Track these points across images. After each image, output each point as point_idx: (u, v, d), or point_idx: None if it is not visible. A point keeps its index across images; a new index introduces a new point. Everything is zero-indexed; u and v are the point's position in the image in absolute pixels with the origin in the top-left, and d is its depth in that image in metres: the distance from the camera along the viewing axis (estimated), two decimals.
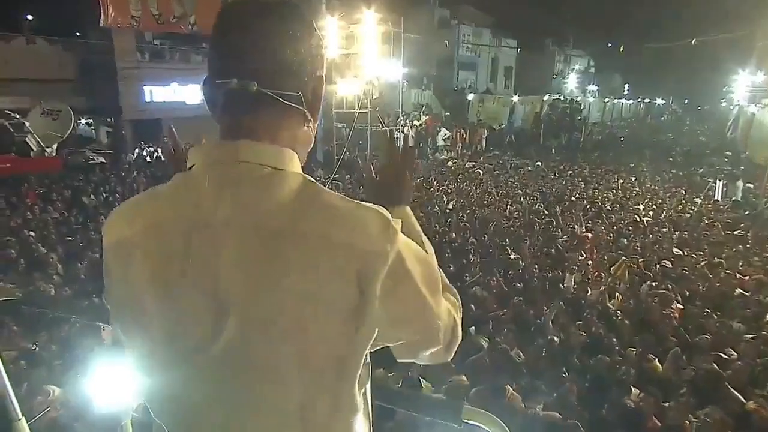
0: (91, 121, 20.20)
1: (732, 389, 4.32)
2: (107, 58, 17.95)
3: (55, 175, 13.00)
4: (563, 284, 7.37)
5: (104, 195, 11.56)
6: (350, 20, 16.18)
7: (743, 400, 4.17)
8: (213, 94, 0.86)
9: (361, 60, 16.17)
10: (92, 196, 11.32)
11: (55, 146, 14.05)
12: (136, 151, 17.86)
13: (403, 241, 0.80)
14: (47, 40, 17.82)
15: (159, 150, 17.75)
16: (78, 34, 19.29)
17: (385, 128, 20.98)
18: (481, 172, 19.16)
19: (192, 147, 0.89)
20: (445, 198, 13.85)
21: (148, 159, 17.36)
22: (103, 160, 15.82)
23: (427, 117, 26.29)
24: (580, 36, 35.01)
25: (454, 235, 9.76)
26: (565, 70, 37.24)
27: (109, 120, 19.71)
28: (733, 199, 16.05)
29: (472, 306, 6.00)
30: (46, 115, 14.01)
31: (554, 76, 36.95)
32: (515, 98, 32.97)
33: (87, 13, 17.89)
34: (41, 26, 18.45)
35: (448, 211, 12.26)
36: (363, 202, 0.81)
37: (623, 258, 8.24)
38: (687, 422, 3.85)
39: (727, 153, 23.50)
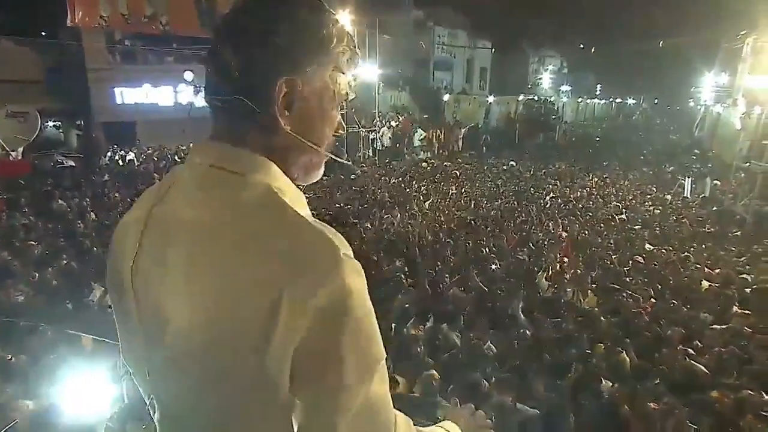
0: (60, 123, 19.67)
1: (699, 378, 4.55)
2: (77, 58, 17.54)
3: (22, 179, 12.61)
4: (538, 281, 7.49)
5: (75, 200, 11.27)
6: None
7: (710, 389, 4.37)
8: None
9: None
10: (61, 201, 11.01)
11: (20, 150, 13.64)
12: (108, 154, 17.43)
13: (354, 278, 0.71)
14: (13, 40, 17.27)
15: (133, 153, 17.41)
16: (45, 34, 18.77)
17: (361, 129, 21.00)
18: (458, 172, 19.31)
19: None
20: (421, 198, 13.91)
21: (121, 162, 16.92)
22: (73, 164, 15.41)
23: (403, 118, 26.37)
24: (554, 37, 35.59)
25: (430, 235, 9.82)
26: (539, 71, 37.79)
27: (78, 122, 19.23)
28: (702, 195, 16.54)
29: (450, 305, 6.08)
30: (12, 118, 13.59)
31: (530, 82, 37.47)
32: (490, 99, 33.33)
33: (55, 13, 17.42)
34: (7, 26, 17.89)
35: (425, 211, 12.32)
36: (319, 223, 0.75)
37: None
38: (654, 408, 3.98)
39: (696, 151, 24.19)
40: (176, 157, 17.71)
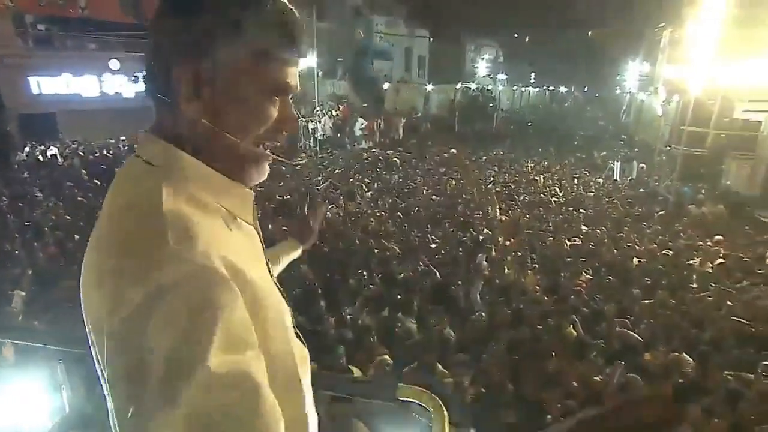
0: None
1: (634, 345, 5.02)
2: None
3: None
4: (481, 265, 7.65)
5: None
6: None
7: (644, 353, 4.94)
8: None
9: None
10: None
11: None
12: (26, 149, 16.09)
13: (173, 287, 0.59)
14: None
15: (56, 148, 16.18)
16: None
17: (301, 119, 20.61)
18: (399, 161, 19.39)
19: None
20: (364, 187, 13.86)
21: (41, 158, 15.63)
22: None
23: (344, 107, 26.14)
24: (489, 26, 36.34)
25: (374, 224, 9.80)
26: (475, 60, 38.53)
27: None
28: (630, 178, 17.55)
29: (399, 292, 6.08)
30: None
31: (467, 70, 38.12)
32: (429, 87, 33.65)
33: None
34: None
35: (368, 200, 12.29)
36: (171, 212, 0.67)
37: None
38: (598, 378, 4.31)
39: (623, 137, 25.56)
40: (106, 152, 16.71)
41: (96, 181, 12.00)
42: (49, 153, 15.84)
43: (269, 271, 0.88)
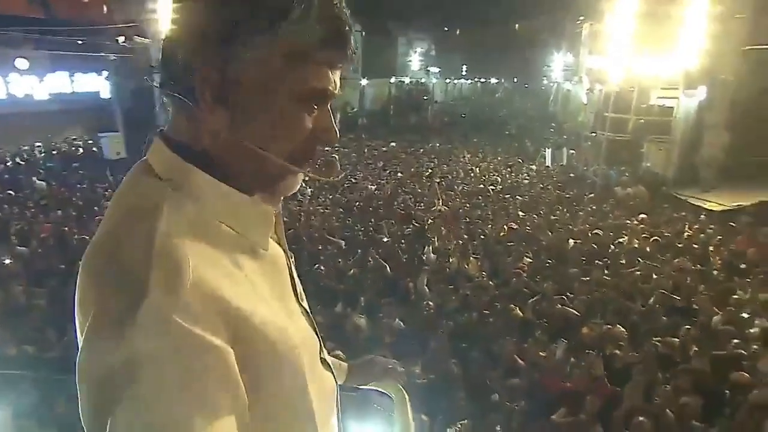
0: None
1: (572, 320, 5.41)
2: None
3: None
4: (424, 256, 7.76)
5: None
6: None
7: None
8: None
9: None
10: None
11: None
12: None
13: (148, 343, 0.53)
14: None
15: None
16: None
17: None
18: (337, 156, 19.23)
19: None
20: (304, 184, 13.62)
21: None
22: None
23: None
24: (421, 19, 36.75)
25: (316, 221, 9.69)
26: (408, 53, 38.88)
27: None
28: (560, 164, 18.37)
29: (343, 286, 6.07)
30: None
31: (400, 64, 38.46)
32: (364, 81, 33.61)
33: None
34: None
35: (308, 197, 12.13)
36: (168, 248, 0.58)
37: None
38: (542, 354, 4.60)
39: (552, 125, 26.65)
40: (18, 160, 15.50)
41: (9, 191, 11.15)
42: None
43: (297, 296, 0.80)
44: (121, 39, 15.60)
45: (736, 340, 5.00)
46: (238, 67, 0.63)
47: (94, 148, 18.35)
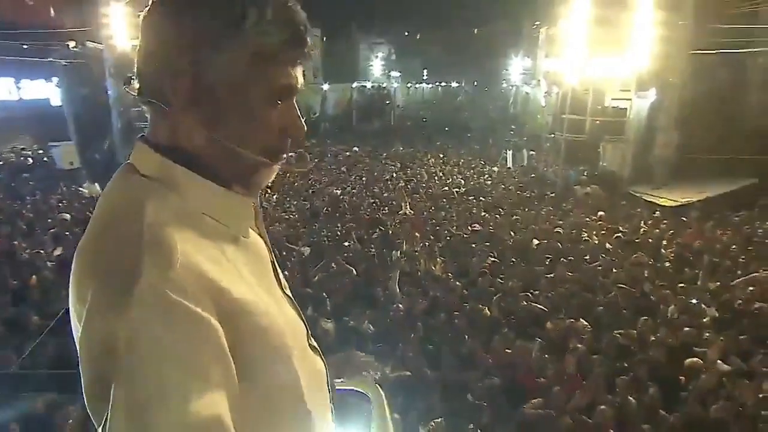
0: None
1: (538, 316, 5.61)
2: None
3: None
4: (392, 259, 7.78)
5: None
6: (140, 7, 14.57)
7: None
8: None
9: None
10: None
11: None
12: None
13: (148, 319, 0.56)
14: None
15: None
16: None
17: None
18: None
19: None
20: (268, 190, 13.49)
21: None
22: None
23: None
24: (381, 24, 36.96)
25: (281, 227, 9.59)
26: (369, 58, 39.02)
27: None
28: (521, 165, 18.78)
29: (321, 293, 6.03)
30: None
31: (362, 68, 38.60)
32: (326, 86, 33.52)
33: None
34: None
35: (273, 204, 11.99)
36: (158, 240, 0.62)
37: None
38: (508, 351, 4.72)
39: (513, 127, 27.21)
40: None
41: None
42: None
43: (281, 285, 0.83)
44: (72, 44, 15.01)
45: (688, 328, 5.25)
46: (208, 70, 0.68)
47: (45, 158, 17.64)
